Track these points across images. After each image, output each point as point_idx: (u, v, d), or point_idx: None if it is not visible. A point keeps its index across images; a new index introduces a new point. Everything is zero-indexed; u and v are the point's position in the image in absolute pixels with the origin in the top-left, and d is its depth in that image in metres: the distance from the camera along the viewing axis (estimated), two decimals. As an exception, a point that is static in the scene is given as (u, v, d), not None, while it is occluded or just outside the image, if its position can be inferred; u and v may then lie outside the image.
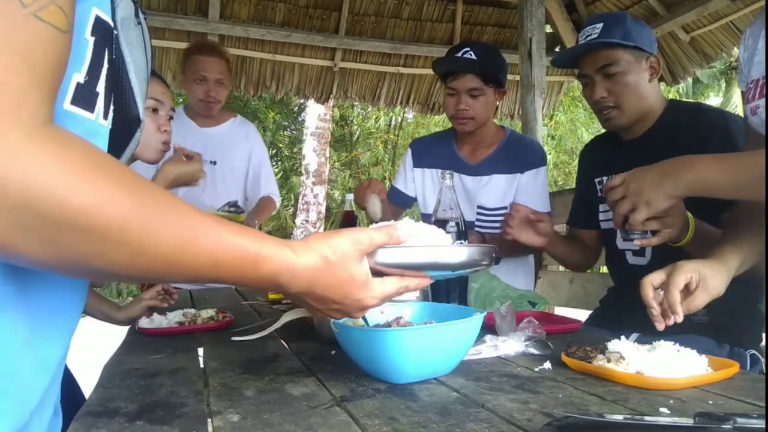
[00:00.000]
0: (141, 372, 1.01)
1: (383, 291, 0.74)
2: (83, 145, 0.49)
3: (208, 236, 0.58)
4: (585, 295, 3.00)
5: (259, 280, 0.65)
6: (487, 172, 2.09)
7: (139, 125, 0.66)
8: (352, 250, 0.71)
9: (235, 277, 0.63)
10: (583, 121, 11.50)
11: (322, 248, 0.69)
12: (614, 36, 1.55)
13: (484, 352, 1.08)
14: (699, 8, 3.58)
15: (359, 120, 12.92)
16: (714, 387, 0.86)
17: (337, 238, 0.70)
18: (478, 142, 2.11)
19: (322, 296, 0.71)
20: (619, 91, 1.57)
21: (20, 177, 0.44)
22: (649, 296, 1.09)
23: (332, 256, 0.69)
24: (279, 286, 0.68)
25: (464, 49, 1.97)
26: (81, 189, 0.47)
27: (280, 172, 13.24)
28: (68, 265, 0.51)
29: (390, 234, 0.74)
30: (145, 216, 0.52)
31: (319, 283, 0.69)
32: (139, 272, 0.54)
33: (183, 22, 3.76)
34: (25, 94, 0.45)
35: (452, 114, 2.02)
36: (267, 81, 4.22)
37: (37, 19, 0.46)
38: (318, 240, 0.70)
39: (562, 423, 0.68)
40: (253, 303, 1.98)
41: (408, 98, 4.61)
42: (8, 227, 0.45)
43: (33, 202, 0.45)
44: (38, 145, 0.45)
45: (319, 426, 0.71)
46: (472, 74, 1.96)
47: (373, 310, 1.05)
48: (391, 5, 4.25)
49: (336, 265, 0.69)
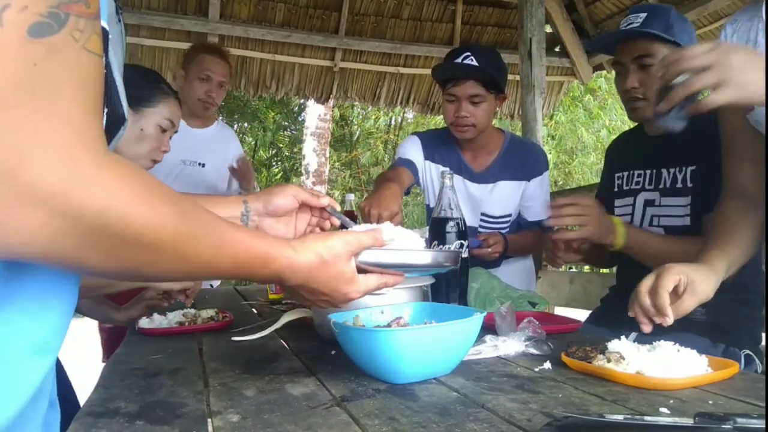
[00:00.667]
0: (141, 372, 1.01)
1: (366, 286, 0.84)
2: (136, 169, 0.55)
3: (234, 241, 0.67)
4: (585, 295, 3.01)
5: (266, 276, 0.74)
6: (491, 180, 2.04)
7: (123, 123, 0.68)
8: (344, 251, 0.80)
9: (247, 274, 0.72)
10: (583, 121, 11.49)
11: (318, 248, 0.78)
12: (655, 27, 1.52)
13: (484, 352, 1.08)
14: (699, 8, 3.58)
15: (359, 120, 12.92)
16: (714, 387, 0.86)
17: (332, 239, 0.80)
18: (478, 147, 2.06)
19: (314, 289, 0.80)
20: (651, 84, 1.53)
21: (99, 204, 0.49)
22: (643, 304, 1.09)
23: (326, 254, 0.78)
24: (281, 280, 0.76)
25: (464, 53, 1.90)
26: (144, 211, 0.54)
27: (280, 172, 13.24)
28: (123, 273, 0.58)
29: (375, 237, 0.84)
30: (189, 230, 0.60)
31: (314, 278, 0.78)
32: (178, 276, 0.63)
33: (183, 22, 3.77)
34: (87, 123, 0.49)
35: (452, 121, 1.96)
36: (267, 81, 4.22)
37: (86, 51, 0.49)
38: (315, 240, 0.79)
39: (562, 423, 0.68)
40: (253, 303, 1.98)
41: (408, 98, 4.61)
42: (84, 246, 0.51)
43: (107, 225, 0.51)
44: (107, 172, 0.50)
45: (319, 426, 0.71)
46: (474, 81, 1.89)
47: (373, 311, 1.06)
48: (391, 5, 4.25)
49: (329, 263, 0.79)
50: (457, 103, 1.92)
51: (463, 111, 1.91)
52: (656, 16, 1.54)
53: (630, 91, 1.58)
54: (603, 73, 7.88)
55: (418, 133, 2.17)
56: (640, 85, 1.56)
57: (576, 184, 11.11)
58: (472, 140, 2.01)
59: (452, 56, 1.95)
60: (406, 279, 1.29)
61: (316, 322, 1.27)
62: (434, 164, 2.09)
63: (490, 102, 1.93)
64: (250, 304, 1.96)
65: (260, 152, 13.27)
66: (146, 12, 3.70)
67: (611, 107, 11.36)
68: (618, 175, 1.76)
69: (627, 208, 1.71)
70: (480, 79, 1.89)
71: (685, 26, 1.59)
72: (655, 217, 1.62)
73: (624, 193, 1.72)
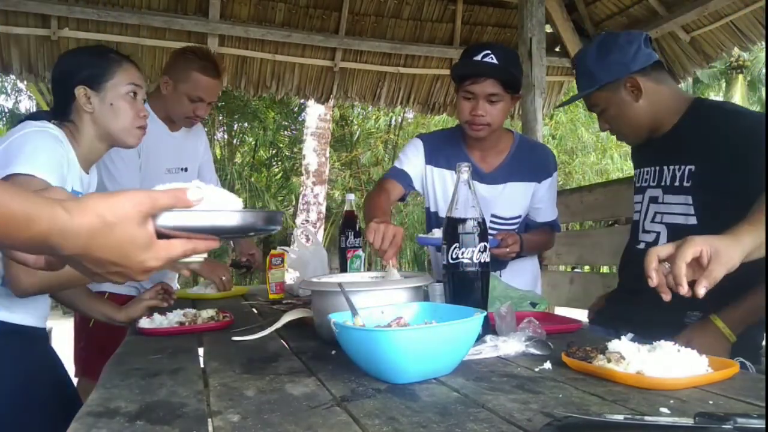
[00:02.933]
0: (141, 372, 1.01)
1: (168, 253, 0.72)
2: None
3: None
4: (585, 295, 3.01)
5: (27, 240, 0.65)
6: (501, 180, 2.02)
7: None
8: (133, 211, 0.68)
9: (6, 237, 0.63)
10: (583, 121, 11.50)
11: (100, 208, 0.67)
12: (581, 87, 1.67)
13: (484, 352, 1.08)
14: (699, 8, 3.58)
15: (359, 120, 12.93)
16: (714, 387, 0.86)
17: (117, 198, 0.68)
18: (488, 147, 2.03)
19: (100, 258, 0.69)
20: (613, 123, 1.69)
21: None
22: (651, 266, 1.08)
23: (110, 216, 0.67)
24: (51, 248, 0.66)
25: (484, 51, 1.86)
26: None
27: (281, 172, 13.24)
28: None
29: (177, 197, 0.72)
30: None
31: (97, 244, 0.67)
32: None
33: (183, 22, 3.76)
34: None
35: (467, 119, 1.91)
36: (267, 81, 4.22)
37: None
38: (96, 200, 0.68)
39: (562, 423, 0.68)
40: (253, 303, 1.99)
41: (408, 98, 4.61)
42: None
43: None
44: None
45: (319, 426, 0.71)
46: (493, 79, 1.85)
47: (373, 311, 1.06)
48: (391, 5, 4.25)
49: (115, 225, 0.67)
50: (474, 101, 1.88)
51: (479, 110, 1.88)
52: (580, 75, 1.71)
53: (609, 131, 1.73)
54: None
55: (423, 136, 2.15)
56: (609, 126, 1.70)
57: (576, 184, 11.13)
58: (482, 140, 1.99)
59: (470, 53, 1.91)
60: (406, 279, 1.29)
61: (316, 322, 1.27)
62: (437, 168, 2.07)
63: (506, 102, 1.91)
64: (251, 304, 1.96)
65: (260, 152, 13.28)
66: (146, 12, 3.69)
67: (611, 107, 11.36)
68: (636, 172, 1.80)
69: (636, 205, 1.74)
70: (500, 78, 1.86)
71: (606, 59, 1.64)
72: (659, 214, 1.63)
73: (637, 190, 1.76)
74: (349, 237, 1.92)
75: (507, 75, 1.87)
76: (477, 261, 1.16)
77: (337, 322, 0.93)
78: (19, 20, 3.45)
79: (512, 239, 1.86)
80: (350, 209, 2.01)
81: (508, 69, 1.88)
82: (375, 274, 1.42)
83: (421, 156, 2.07)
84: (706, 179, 1.50)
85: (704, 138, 1.51)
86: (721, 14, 3.63)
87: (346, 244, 1.91)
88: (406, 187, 2.04)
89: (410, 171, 2.05)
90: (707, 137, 1.49)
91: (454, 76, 1.97)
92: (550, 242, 2.18)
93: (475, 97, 1.88)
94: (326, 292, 1.21)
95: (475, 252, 1.16)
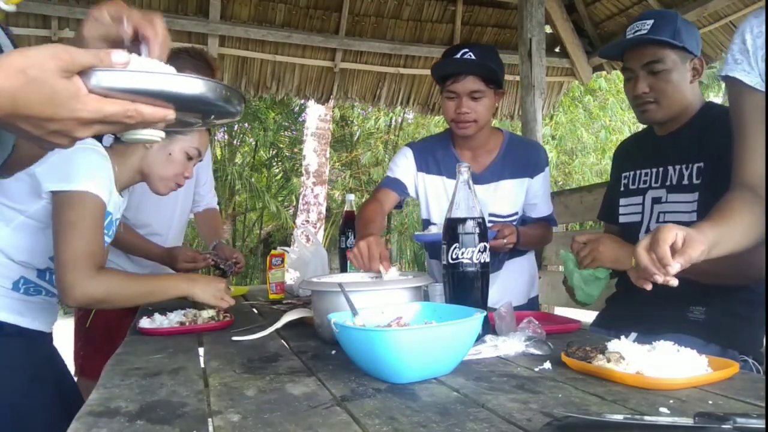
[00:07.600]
0: (142, 372, 1.01)
1: (102, 106, 0.67)
2: None
3: None
4: (585, 295, 3.00)
5: None
6: (493, 179, 2.03)
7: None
8: (52, 63, 0.64)
9: None
10: (583, 121, 11.50)
11: (16, 61, 0.63)
12: (663, 34, 1.57)
13: (484, 352, 1.08)
14: (699, 8, 3.58)
15: (359, 120, 12.92)
16: (714, 387, 0.86)
17: (33, 50, 0.64)
18: (477, 146, 2.05)
19: (30, 116, 0.66)
20: (661, 88, 1.60)
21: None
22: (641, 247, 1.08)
23: (30, 69, 0.63)
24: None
25: (462, 50, 1.91)
26: None
27: (281, 172, 13.24)
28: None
29: (99, 57, 0.67)
30: None
31: (21, 101, 0.64)
32: None
33: (183, 23, 3.77)
34: None
35: (453, 118, 1.94)
36: (267, 81, 4.22)
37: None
38: (11, 56, 0.64)
39: (562, 423, 0.68)
40: (253, 303, 1.99)
41: (408, 99, 4.61)
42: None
43: None
44: None
45: (320, 426, 0.71)
46: (474, 76, 1.89)
47: (373, 311, 1.06)
48: (391, 6, 4.25)
49: (37, 79, 0.64)
50: (458, 99, 1.91)
51: (464, 107, 1.90)
52: (664, 23, 1.58)
53: (641, 96, 1.63)
54: (603, 74, 7.88)
55: (412, 145, 2.16)
56: (650, 89, 1.61)
57: (576, 184, 11.12)
58: (471, 140, 2.00)
59: (450, 53, 1.96)
60: (406, 279, 1.30)
61: (316, 322, 1.28)
62: (428, 175, 2.07)
63: (490, 97, 1.93)
64: (251, 304, 1.96)
65: (260, 152, 13.28)
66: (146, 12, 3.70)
67: (611, 108, 11.37)
68: (624, 175, 1.79)
69: (633, 207, 1.74)
70: (480, 73, 1.89)
71: (691, 31, 1.62)
72: (662, 214, 1.64)
73: (630, 192, 1.75)
74: (349, 237, 1.92)
75: (486, 70, 1.90)
76: (477, 261, 1.17)
77: (337, 322, 0.93)
78: (20, 21, 3.46)
79: (509, 230, 1.86)
80: (350, 209, 2.01)
81: (486, 64, 1.90)
82: (375, 275, 1.42)
83: (412, 163, 2.08)
84: (715, 176, 1.51)
85: (714, 137, 1.52)
86: (721, 14, 3.63)
87: (346, 245, 1.91)
88: (401, 194, 2.04)
89: (403, 178, 2.06)
90: (718, 136, 1.50)
91: (436, 77, 2.00)
92: (547, 237, 2.17)
93: (458, 96, 1.91)
94: (326, 292, 1.21)
95: (475, 252, 1.17)
